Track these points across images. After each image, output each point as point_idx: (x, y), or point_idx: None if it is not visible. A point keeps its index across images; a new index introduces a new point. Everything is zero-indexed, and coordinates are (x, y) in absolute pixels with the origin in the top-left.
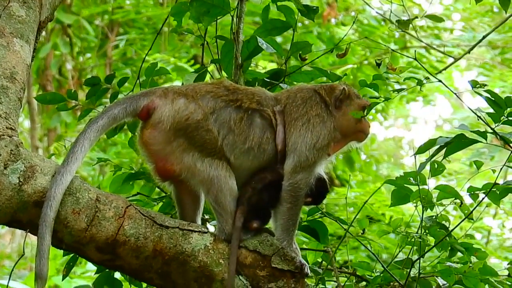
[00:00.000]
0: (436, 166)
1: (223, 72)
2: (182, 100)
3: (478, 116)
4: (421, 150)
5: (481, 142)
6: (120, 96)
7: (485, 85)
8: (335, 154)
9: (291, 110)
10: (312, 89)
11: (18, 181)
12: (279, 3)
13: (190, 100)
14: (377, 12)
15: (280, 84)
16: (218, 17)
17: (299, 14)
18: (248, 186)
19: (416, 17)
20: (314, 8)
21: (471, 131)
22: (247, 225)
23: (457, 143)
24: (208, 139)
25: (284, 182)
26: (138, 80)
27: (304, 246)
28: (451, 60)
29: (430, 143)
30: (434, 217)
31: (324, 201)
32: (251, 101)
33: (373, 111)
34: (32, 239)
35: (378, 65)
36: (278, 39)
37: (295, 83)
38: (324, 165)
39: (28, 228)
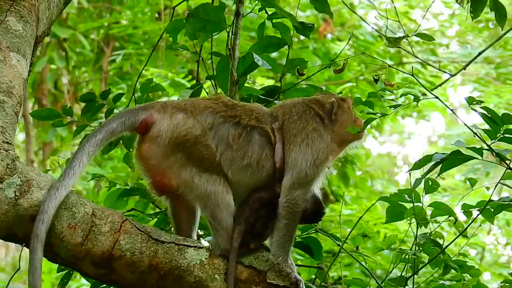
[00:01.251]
0: (430, 183)
1: (218, 88)
2: (180, 115)
3: (474, 132)
4: (416, 166)
5: (476, 158)
6: (115, 111)
7: (482, 101)
8: (334, 161)
9: (289, 126)
10: (305, 103)
11: (14, 195)
12: (274, 20)
13: (188, 115)
14: (372, 28)
15: (275, 101)
16: (214, 34)
17: (295, 30)
18: (246, 206)
19: (407, 36)
20: (310, 25)
21: (467, 148)
22: (245, 246)
23: (453, 159)
24: (206, 155)
25: (281, 198)
26: (133, 96)
27: (299, 263)
28: (446, 75)
29: (426, 159)
30: (428, 234)
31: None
32: (250, 117)
33: (368, 126)
34: (27, 252)
35: (376, 80)
36: (274, 54)
37: None
38: (322, 180)
39: (24, 242)
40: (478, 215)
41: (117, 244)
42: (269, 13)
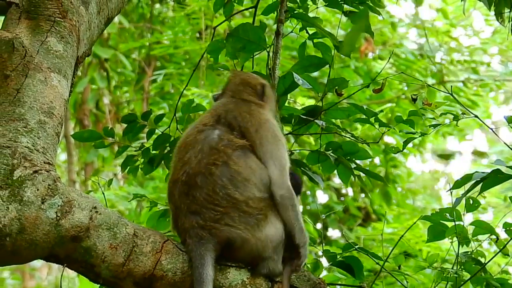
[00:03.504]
0: (471, 202)
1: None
2: None
3: None
4: (457, 185)
5: None
6: (157, 132)
7: None
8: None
9: (247, 128)
10: (239, 99)
11: (55, 216)
12: (315, 40)
13: None
14: (414, 49)
15: (316, 121)
16: (255, 53)
17: (336, 50)
18: None
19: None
20: None
21: (507, 166)
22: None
23: (493, 178)
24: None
25: (278, 191)
26: (175, 116)
27: (340, 282)
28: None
29: (466, 178)
30: (470, 253)
31: (362, 236)
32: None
33: (410, 145)
34: (69, 272)
35: (414, 100)
36: (315, 73)
37: (332, 119)
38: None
39: (65, 262)
40: None
41: (158, 264)
42: (310, 32)
